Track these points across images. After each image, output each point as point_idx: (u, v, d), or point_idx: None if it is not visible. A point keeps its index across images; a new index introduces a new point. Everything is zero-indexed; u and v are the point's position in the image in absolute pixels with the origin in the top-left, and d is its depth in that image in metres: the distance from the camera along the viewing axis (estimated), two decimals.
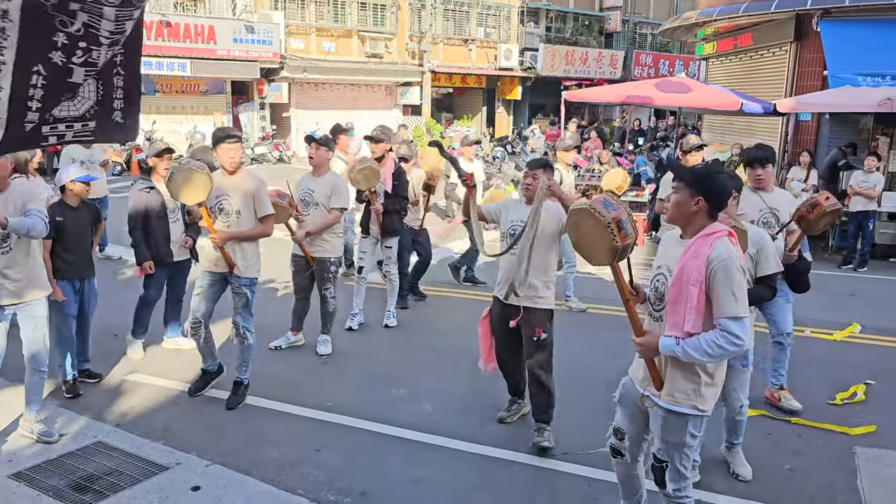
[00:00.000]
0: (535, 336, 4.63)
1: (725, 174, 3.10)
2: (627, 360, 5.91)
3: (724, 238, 2.94)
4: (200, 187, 4.89)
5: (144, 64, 18.17)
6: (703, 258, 2.88)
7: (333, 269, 6.30)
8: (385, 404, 5.31)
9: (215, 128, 6.83)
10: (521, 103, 31.15)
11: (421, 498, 4.03)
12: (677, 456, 3.11)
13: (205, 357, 5.33)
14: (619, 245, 2.98)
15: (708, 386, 3.02)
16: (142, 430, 4.76)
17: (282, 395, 5.40)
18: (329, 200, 6.11)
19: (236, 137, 5.13)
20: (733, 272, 2.84)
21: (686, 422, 3.03)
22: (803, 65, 14.17)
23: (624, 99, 13.52)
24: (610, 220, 2.96)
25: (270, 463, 4.38)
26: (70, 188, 5.23)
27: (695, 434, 3.08)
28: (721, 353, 2.85)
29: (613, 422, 3.43)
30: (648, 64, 32.56)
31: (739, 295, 2.85)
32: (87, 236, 5.40)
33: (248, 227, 5.11)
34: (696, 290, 2.86)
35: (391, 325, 7.12)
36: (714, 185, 2.99)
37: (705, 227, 2.98)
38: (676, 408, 3.03)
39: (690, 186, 2.99)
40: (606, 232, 2.98)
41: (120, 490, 3.98)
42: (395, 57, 26.16)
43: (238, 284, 5.15)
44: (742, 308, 2.84)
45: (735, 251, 2.92)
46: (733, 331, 2.81)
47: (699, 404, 3.02)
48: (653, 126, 26.25)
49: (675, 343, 2.90)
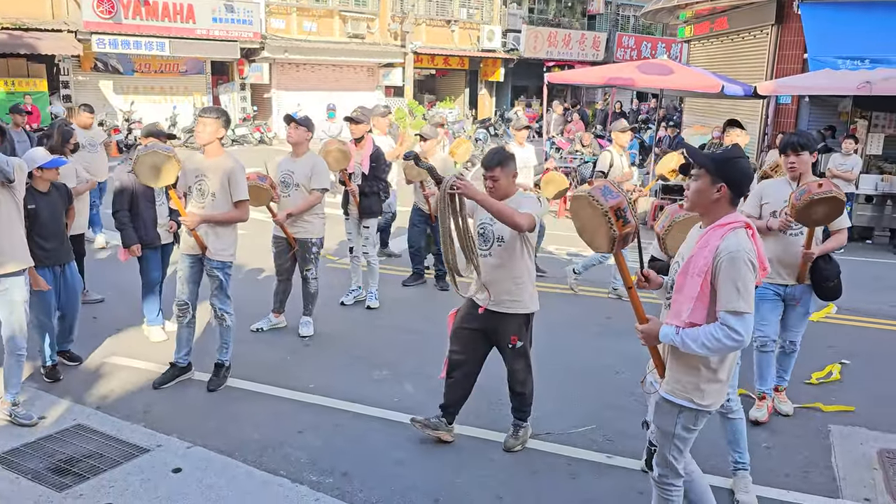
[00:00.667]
0: (510, 344, 4.30)
1: (746, 159, 2.94)
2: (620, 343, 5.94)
3: (738, 230, 2.82)
4: (168, 170, 4.85)
5: (123, 44, 17.84)
6: (711, 249, 2.79)
7: (315, 249, 6.29)
8: (367, 386, 5.33)
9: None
10: (504, 85, 31.07)
11: (402, 478, 4.05)
12: (666, 444, 3.05)
13: (180, 346, 5.26)
14: (617, 234, 2.92)
15: (710, 382, 2.92)
16: (122, 413, 4.74)
17: (263, 377, 5.40)
18: (310, 181, 6.08)
19: (209, 113, 5.02)
20: (740, 265, 2.73)
21: (678, 412, 2.96)
22: (784, 48, 14.24)
23: (606, 81, 13.50)
24: (607, 208, 2.89)
25: (252, 444, 4.38)
26: (38, 175, 5.07)
27: (689, 427, 2.98)
28: (719, 347, 2.75)
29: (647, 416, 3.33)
30: (631, 46, 32.57)
31: (743, 289, 2.73)
32: (61, 220, 5.31)
33: (224, 210, 5.06)
34: (700, 280, 2.78)
35: (373, 306, 7.14)
36: (737, 170, 2.87)
37: (723, 216, 2.87)
38: (671, 397, 2.97)
39: (712, 173, 2.86)
40: (604, 220, 2.92)
41: (100, 472, 3.97)
42: (377, 38, 25.94)
43: (210, 267, 5.11)
44: (744, 303, 2.73)
45: (748, 245, 2.79)
46: (732, 325, 2.72)
47: (696, 398, 2.92)
48: (635, 108, 26.33)
49: (675, 332, 2.84)
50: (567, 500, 3.88)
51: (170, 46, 20.48)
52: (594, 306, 7.50)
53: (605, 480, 4.09)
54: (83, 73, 20.33)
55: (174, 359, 5.27)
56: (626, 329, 6.67)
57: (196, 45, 21.15)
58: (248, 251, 8.49)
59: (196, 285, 5.21)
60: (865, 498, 3.94)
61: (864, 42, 12.19)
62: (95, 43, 19.13)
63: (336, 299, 7.29)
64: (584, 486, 4.03)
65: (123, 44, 19.67)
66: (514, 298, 4.21)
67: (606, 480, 4.09)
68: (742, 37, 15.95)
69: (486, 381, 5.33)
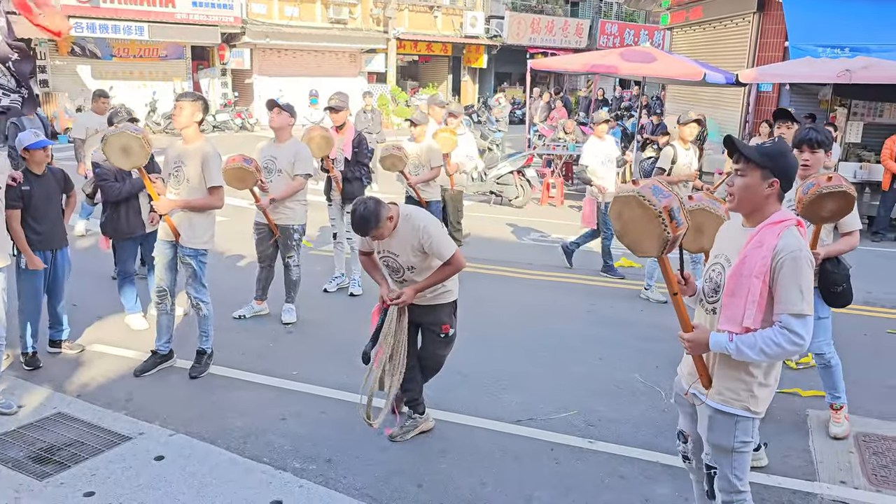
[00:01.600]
0: (442, 333, 4.29)
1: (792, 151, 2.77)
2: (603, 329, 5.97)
3: (792, 228, 2.65)
4: (137, 152, 4.79)
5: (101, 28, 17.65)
6: (769, 248, 2.60)
7: (297, 236, 6.26)
8: (350, 372, 5.31)
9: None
10: (487, 72, 31.02)
11: (386, 464, 4.07)
12: (726, 462, 2.83)
13: (160, 334, 5.22)
14: (671, 236, 2.66)
15: (762, 386, 2.76)
16: (103, 401, 4.71)
17: (246, 365, 5.39)
18: (293, 167, 6.05)
19: (186, 97, 4.99)
20: (802, 265, 2.57)
21: (735, 423, 2.77)
22: (765, 35, 14.32)
23: (589, 68, 13.53)
24: (661, 209, 2.63)
25: (235, 432, 4.37)
26: (25, 157, 5.08)
27: (746, 439, 2.80)
28: (779, 353, 2.58)
29: (678, 426, 3.19)
30: (614, 33, 32.60)
31: (806, 291, 2.58)
32: (56, 204, 5.26)
33: (198, 196, 5.00)
34: (759, 283, 2.60)
35: (356, 293, 7.13)
36: (789, 164, 2.70)
37: (773, 213, 2.70)
38: (725, 407, 2.77)
39: (763, 167, 2.66)
40: (657, 222, 2.65)
41: (82, 461, 3.94)
42: (359, 23, 25.77)
43: (183, 255, 5.07)
44: (808, 305, 2.57)
45: (804, 243, 2.64)
46: (795, 329, 2.54)
47: (751, 405, 2.75)
48: (617, 96, 26.40)
49: (729, 339, 2.64)
50: (550, 484, 3.91)
51: (149, 31, 20.23)
52: (578, 293, 7.54)
53: (587, 465, 4.13)
54: (60, 57, 20.04)
55: (155, 346, 5.23)
56: (609, 316, 6.76)
57: (176, 29, 20.91)
58: (229, 238, 8.45)
59: (173, 272, 5.17)
60: (841, 480, 4.01)
61: (844, 30, 12.28)
62: (73, 27, 18.82)
63: (319, 286, 7.28)
64: (567, 470, 4.07)
65: (101, 28, 19.39)
66: (439, 292, 4.24)
67: (588, 465, 4.13)
68: (724, 24, 16.01)
69: (470, 369, 5.38)
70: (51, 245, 5.21)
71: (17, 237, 4.90)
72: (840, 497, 3.84)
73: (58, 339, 5.48)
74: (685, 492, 3.85)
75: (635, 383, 5.26)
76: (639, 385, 5.23)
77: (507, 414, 4.72)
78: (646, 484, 3.94)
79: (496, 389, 5.09)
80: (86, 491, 3.68)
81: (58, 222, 5.26)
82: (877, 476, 4.06)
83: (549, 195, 12.86)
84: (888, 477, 4.05)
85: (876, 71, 10.38)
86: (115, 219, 5.78)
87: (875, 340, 6.31)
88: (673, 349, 5.87)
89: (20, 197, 4.92)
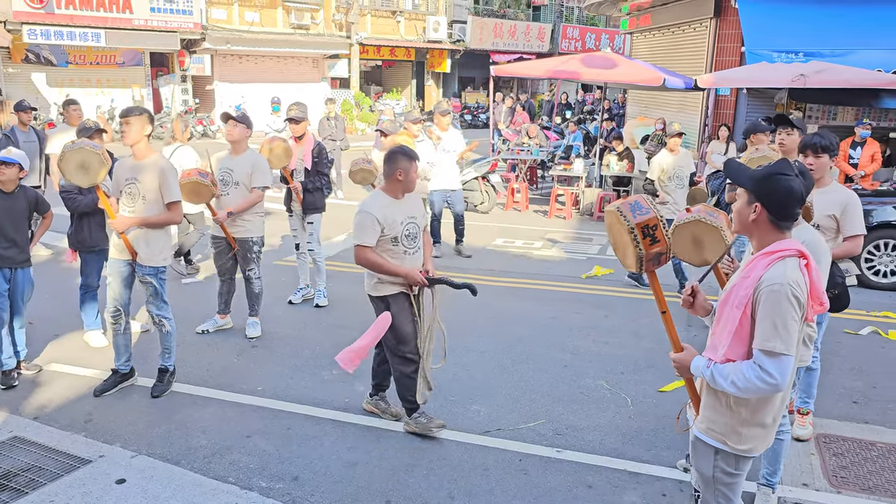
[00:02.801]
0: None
1: (794, 176, 2.53)
2: (569, 337, 6.00)
3: (788, 260, 2.49)
4: (95, 169, 4.68)
5: (55, 34, 17.31)
6: (754, 279, 2.50)
7: (256, 248, 6.18)
8: (317, 387, 5.28)
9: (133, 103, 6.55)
10: (451, 76, 31.10)
11: (355, 480, 4.03)
12: (709, 491, 2.77)
13: (119, 353, 5.10)
14: (643, 252, 2.68)
15: (749, 425, 2.61)
16: (62, 423, 4.59)
17: (210, 381, 5.30)
18: (251, 179, 5.98)
19: (132, 113, 4.84)
20: (781, 300, 2.42)
21: (713, 454, 2.69)
22: (722, 40, 14.58)
23: (551, 74, 13.62)
24: (634, 225, 2.65)
25: (199, 451, 4.30)
26: None
27: (729, 472, 2.69)
28: (748, 388, 2.45)
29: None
30: (576, 37, 32.93)
31: (782, 328, 2.41)
32: (20, 223, 5.12)
33: (155, 213, 4.90)
34: (739, 314, 2.51)
35: (322, 304, 7.07)
36: (775, 188, 2.51)
37: (772, 241, 2.56)
38: (704, 437, 2.70)
39: (749, 191, 2.57)
40: (630, 237, 2.68)
41: (39, 487, 3.83)
42: (321, 28, 25.63)
43: (142, 274, 4.97)
44: (781, 343, 2.41)
45: (795, 277, 2.46)
46: (765, 366, 2.41)
47: (731, 441, 2.64)
48: (580, 100, 26.65)
49: (706, 365, 2.58)
50: (519, 495, 3.92)
51: (106, 37, 19.87)
52: (543, 300, 7.57)
53: (556, 475, 4.14)
54: (14, 65, 19.58)
55: (115, 365, 5.12)
56: (574, 322, 6.80)
57: (133, 35, 20.57)
58: (192, 251, 8.31)
59: (129, 290, 5.06)
60: (804, 483, 4.08)
61: (798, 35, 12.57)
62: (26, 34, 18.42)
63: (283, 298, 7.21)
64: (536, 480, 4.07)
65: (56, 34, 18.99)
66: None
67: (557, 475, 4.14)
68: (682, 29, 16.27)
69: (438, 382, 5.36)
70: (9, 263, 5.09)
71: None
72: (801, 499, 3.91)
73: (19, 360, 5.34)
74: (652, 499, 3.89)
75: (601, 390, 5.30)
76: (605, 392, 5.26)
77: (475, 425, 4.72)
78: (613, 493, 3.96)
79: (463, 400, 5.08)
80: None
81: (17, 242, 5.12)
82: (837, 477, 4.15)
83: (514, 200, 12.91)
84: (848, 478, 4.14)
85: (829, 75, 10.63)
86: (79, 231, 5.68)
87: (832, 340, 6.43)
88: (638, 355, 5.96)
89: None
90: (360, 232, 4.26)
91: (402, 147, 4.44)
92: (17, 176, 5.05)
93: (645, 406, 5.04)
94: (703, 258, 3.55)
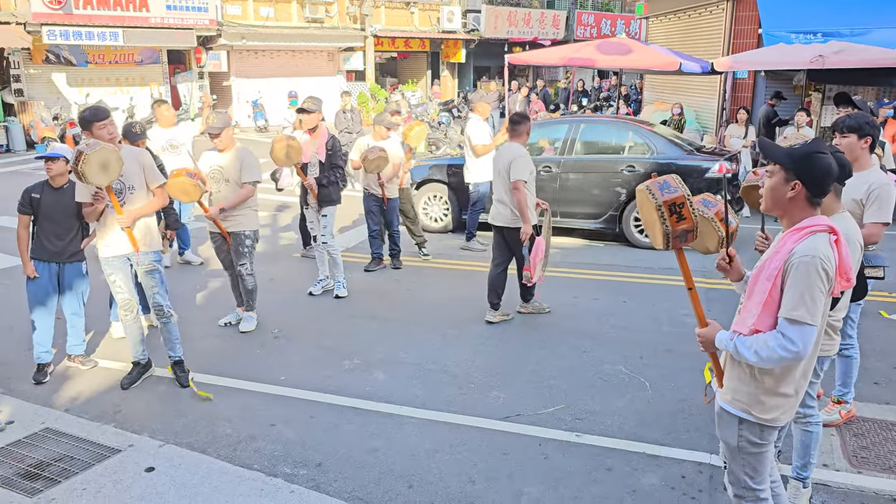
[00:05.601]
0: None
1: (829, 154, 2.60)
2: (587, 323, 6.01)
3: (819, 234, 2.54)
4: (112, 168, 4.68)
5: (74, 35, 17.45)
6: (786, 252, 2.55)
7: (249, 242, 6.21)
8: (338, 376, 5.36)
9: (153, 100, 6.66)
10: (466, 66, 30.99)
11: (377, 466, 4.10)
12: (735, 461, 2.82)
13: (136, 344, 5.20)
14: (669, 229, 2.75)
15: (772, 394, 2.67)
16: (92, 414, 4.72)
17: (234, 372, 5.40)
18: (240, 175, 6.03)
19: (107, 114, 4.95)
20: (811, 272, 2.47)
21: (738, 423, 2.75)
22: (739, 22, 14.44)
23: (566, 61, 13.59)
24: (661, 202, 2.73)
25: (225, 440, 4.39)
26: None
27: (754, 441, 2.74)
28: (771, 356, 2.50)
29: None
30: (591, 24, 32.69)
31: (808, 298, 2.47)
32: (68, 218, 5.22)
33: (143, 201, 5.01)
34: (769, 286, 2.55)
35: (341, 295, 7.15)
36: (815, 166, 2.57)
37: (804, 218, 2.60)
38: (728, 406, 2.77)
39: (786, 169, 2.60)
40: (657, 215, 2.75)
41: (72, 476, 3.95)
42: (335, 22, 25.66)
43: (148, 261, 5.05)
44: (806, 313, 2.46)
45: (826, 251, 2.51)
46: (788, 333, 2.47)
47: (756, 411, 2.69)
48: (596, 86, 26.49)
49: (730, 338, 2.65)
50: (538, 479, 3.97)
51: (123, 36, 20.04)
52: (561, 286, 7.60)
53: (575, 458, 4.18)
54: (35, 65, 19.82)
55: (135, 358, 5.24)
56: (593, 308, 6.82)
57: (150, 33, 20.73)
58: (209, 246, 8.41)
59: (133, 282, 5.16)
60: (824, 464, 4.09)
61: (816, 16, 12.43)
62: (46, 35, 18.64)
63: (304, 290, 7.29)
64: (555, 464, 4.12)
65: (75, 35, 19.18)
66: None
67: (576, 458, 4.18)
68: (699, 12, 16.12)
69: (457, 368, 5.43)
70: (58, 258, 5.24)
71: (19, 241, 5.17)
72: (822, 480, 3.91)
73: (71, 354, 5.51)
74: (671, 481, 3.92)
75: (620, 375, 5.32)
76: (624, 377, 5.29)
77: (495, 411, 4.77)
78: (632, 475, 4.00)
79: (482, 387, 5.13)
80: None
81: (69, 236, 5.25)
82: (857, 458, 4.15)
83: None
84: (868, 458, 4.14)
85: (848, 55, 10.52)
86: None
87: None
88: (657, 340, 5.97)
89: (29, 203, 5.15)
90: (524, 169, 6.12)
91: (522, 113, 6.52)
92: (65, 170, 5.16)
93: (664, 390, 5.07)
94: (704, 246, 3.60)
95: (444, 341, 6.01)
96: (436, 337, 6.11)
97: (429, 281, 7.78)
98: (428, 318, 6.57)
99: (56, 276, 5.27)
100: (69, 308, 5.41)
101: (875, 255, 4.15)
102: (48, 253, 5.21)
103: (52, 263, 5.23)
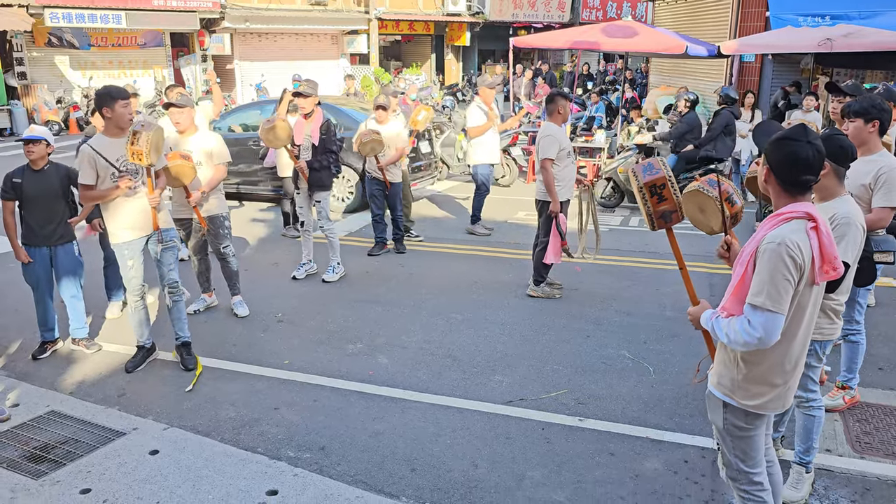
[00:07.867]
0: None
1: (804, 142, 2.52)
2: (590, 307, 6.00)
3: (793, 222, 2.53)
4: (160, 149, 4.77)
5: (77, 17, 17.32)
6: (758, 238, 2.57)
7: (228, 223, 6.21)
8: (342, 360, 5.37)
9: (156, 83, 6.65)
10: (471, 49, 30.82)
11: (380, 450, 4.12)
12: (725, 444, 2.85)
13: (143, 328, 5.21)
14: (651, 210, 2.86)
15: (752, 381, 2.69)
16: (96, 397, 4.74)
17: (237, 356, 5.41)
18: (212, 157, 5.99)
19: (128, 94, 4.98)
20: (775, 259, 2.46)
21: (722, 406, 2.78)
22: (746, 5, 14.30)
23: (571, 44, 13.46)
24: (643, 184, 2.86)
25: (229, 423, 4.41)
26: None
27: (740, 426, 2.76)
28: (736, 340, 2.54)
29: None
30: (597, 6, 32.39)
31: (771, 285, 2.46)
32: (53, 200, 5.21)
33: (158, 180, 5.05)
34: (742, 270, 2.59)
35: (329, 279, 7.13)
36: (780, 152, 2.56)
37: (784, 205, 2.60)
38: (715, 391, 2.81)
39: (764, 154, 2.64)
40: (639, 196, 2.90)
41: (77, 458, 3.97)
42: (339, 4, 25.50)
43: (168, 238, 5.08)
44: (768, 299, 2.46)
45: (797, 238, 2.49)
46: (751, 319, 2.49)
47: (738, 396, 2.72)
48: (602, 70, 26.30)
49: (711, 317, 2.69)
50: (541, 463, 3.98)
51: (126, 18, 19.95)
52: (564, 271, 7.58)
53: (578, 443, 4.19)
54: (37, 48, 19.76)
55: (140, 342, 5.25)
56: (597, 293, 6.81)
57: (153, 16, 20.63)
58: None
59: (143, 265, 5.14)
60: (827, 449, 4.09)
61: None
62: (48, 17, 18.56)
63: (309, 275, 7.29)
64: (558, 448, 4.13)
65: (78, 17, 19.11)
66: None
67: (579, 443, 4.19)
68: None
69: (459, 352, 5.43)
70: (47, 241, 5.23)
71: (6, 228, 5.11)
72: (825, 465, 3.91)
73: (75, 338, 5.53)
74: (674, 465, 3.93)
75: (624, 360, 5.32)
76: (627, 361, 5.29)
77: (498, 395, 4.78)
78: (635, 459, 4.00)
79: (485, 371, 5.14)
80: (82, 488, 3.72)
81: (56, 219, 5.24)
82: (860, 443, 4.15)
83: (535, 173, 12.85)
84: (871, 444, 4.14)
85: (857, 38, 10.41)
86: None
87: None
88: (660, 324, 5.96)
89: (12, 188, 5.12)
90: (549, 148, 6.25)
91: (560, 90, 6.67)
92: (46, 152, 5.16)
93: (667, 375, 5.06)
94: (709, 226, 3.58)
95: (447, 325, 6.01)
96: (439, 321, 6.11)
97: (432, 265, 7.77)
98: (431, 303, 6.57)
99: (49, 258, 5.28)
100: (67, 292, 5.41)
101: (885, 240, 4.08)
102: (38, 237, 5.21)
103: (43, 248, 5.24)
